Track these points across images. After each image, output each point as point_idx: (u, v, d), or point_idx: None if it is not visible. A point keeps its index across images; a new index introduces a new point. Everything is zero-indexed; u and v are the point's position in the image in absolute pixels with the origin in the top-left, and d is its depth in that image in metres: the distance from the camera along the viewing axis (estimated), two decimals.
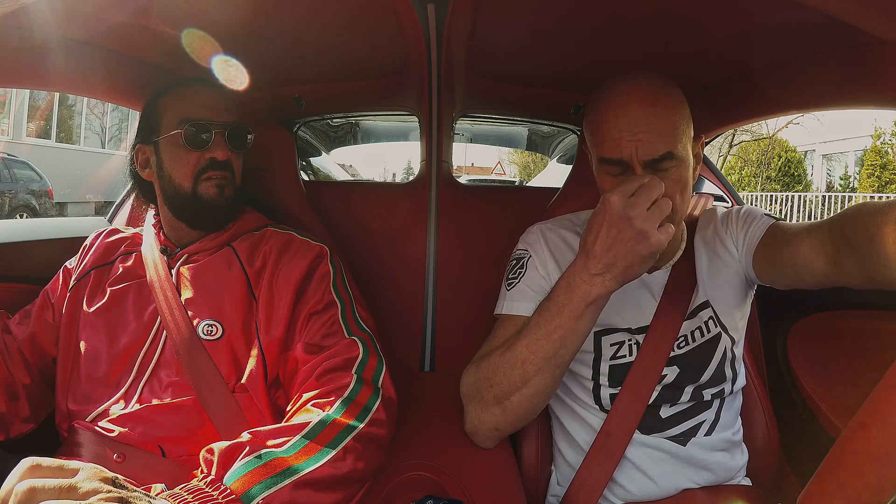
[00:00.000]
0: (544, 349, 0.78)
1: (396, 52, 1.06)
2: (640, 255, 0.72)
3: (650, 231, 0.70)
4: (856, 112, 11.04)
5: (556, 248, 0.96)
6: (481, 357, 0.88)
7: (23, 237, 1.15)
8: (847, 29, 0.69)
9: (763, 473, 1.00)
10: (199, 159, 0.91)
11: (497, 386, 0.82)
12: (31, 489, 0.45)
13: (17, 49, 0.85)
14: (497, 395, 0.83)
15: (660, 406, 0.89)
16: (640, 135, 0.78)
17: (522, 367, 0.80)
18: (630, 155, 0.79)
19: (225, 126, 0.93)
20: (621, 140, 0.79)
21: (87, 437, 0.82)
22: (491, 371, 0.83)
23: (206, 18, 0.87)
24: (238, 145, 0.95)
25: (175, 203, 0.93)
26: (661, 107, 0.80)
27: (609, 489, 0.89)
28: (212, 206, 0.92)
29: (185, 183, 0.91)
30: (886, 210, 0.67)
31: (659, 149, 0.79)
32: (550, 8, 0.85)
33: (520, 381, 0.80)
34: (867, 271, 0.70)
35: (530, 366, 0.79)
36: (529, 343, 0.79)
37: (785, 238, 0.84)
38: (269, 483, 0.62)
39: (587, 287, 0.76)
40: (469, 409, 0.88)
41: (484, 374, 0.84)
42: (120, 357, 0.87)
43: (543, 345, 0.78)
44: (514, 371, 0.80)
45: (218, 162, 0.92)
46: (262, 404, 0.84)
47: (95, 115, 12.50)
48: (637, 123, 0.78)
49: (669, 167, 0.80)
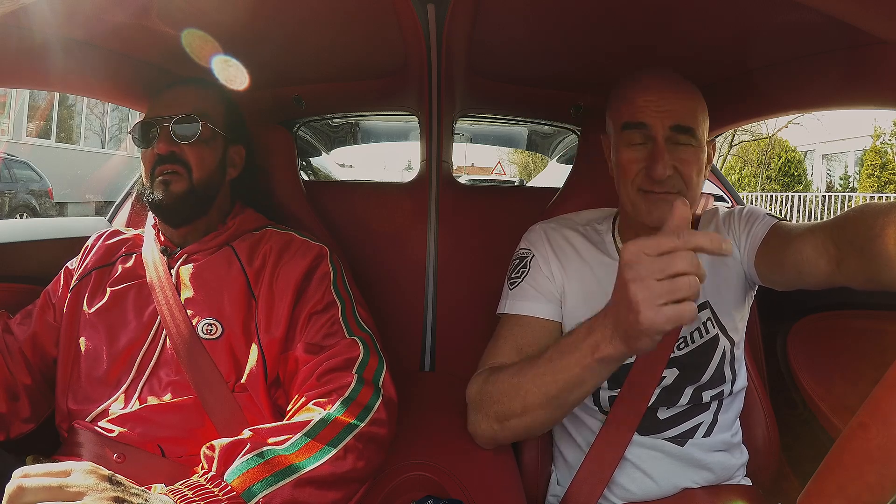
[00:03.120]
0: (548, 388, 0.75)
1: (396, 52, 1.06)
2: (634, 329, 0.60)
3: (643, 306, 0.57)
4: (855, 112, 11.04)
5: (558, 247, 0.96)
6: (491, 370, 0.86)
7: (23, 237, 1.15)
8: (847, 29, 0.69)
9: (763, 473, 1.00)
10: (151, 156, 0.91)
11: (498, 405, 0.82)
12: (20, 488, 0.46)
13: (17, 49, 0.84)
14: (497, 413, 0.82)
15: (657, 408, 0.89)
16: (668, 105, 0.83)
17: (525, 397, 0.78)
18: (655, 122, 0.82)
19: (167, 119, 0.91)
20: (648, 107, 0.83)
21: (87, 437, 0.82)
22: (496, 390, 0.82)
23: (207, 18, 0.87)
24: (185, 137, 0.92)
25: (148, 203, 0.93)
26: (688, 90, 0.86)
27: (609, 489, 0.89)
28: (159, 203, 0.90)
29: (147, 182, 0.93)
30: (889, 211, 0.67)
31: (685, 119, 0.82)
32: (550, 8, 0.85)
33: (520, 409, 0.79)
34: (870, 272, 0.70)
35: (532, 398, 0.77)
36: (536, 376, 0.77)
37: (787, 238, 0.84)
38: (271, 481, 0.62)
39: (599, 338, 0.68)
40: (471, 415, 0.88)
41: (489, 389, 0.83)
42: (120, 356, 0.87)
43: (549, 383, 0.75)
44: (517, 398, 0.79)
45: (163, 157, 0.90)
46: (261, 404, 0.84)
47: (95, 115, 12.51)
48: (666, 95, 0.83)
49: (689, 143, 0.83)
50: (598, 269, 0.94)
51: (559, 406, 0.77)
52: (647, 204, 0.86)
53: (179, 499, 0.56)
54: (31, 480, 0.46)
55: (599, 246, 0.97)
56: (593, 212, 1.06)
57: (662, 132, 0.82)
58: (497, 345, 0.91)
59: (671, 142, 0.83)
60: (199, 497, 0.57)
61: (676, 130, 0.83)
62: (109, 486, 0.50)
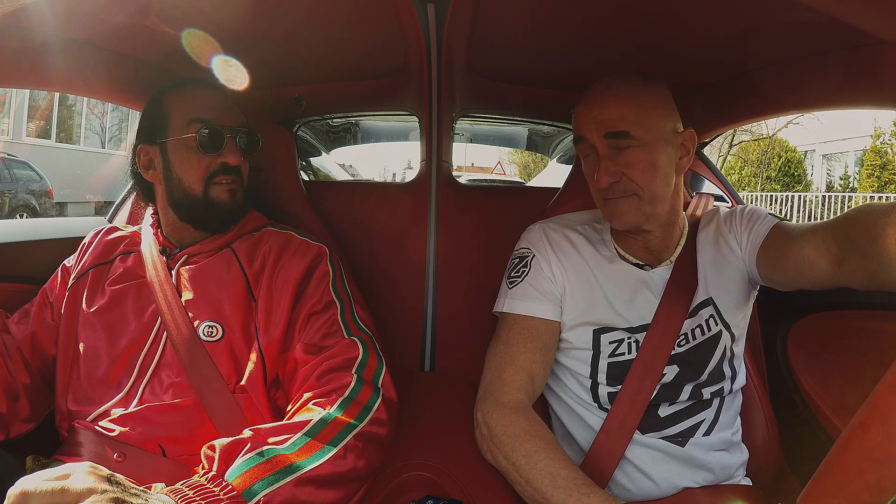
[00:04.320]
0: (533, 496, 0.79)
1: (396, 53, 1.06)
2: None
3: None
4: (855, 112, 11.04)
5: (558, 247, 0.96)
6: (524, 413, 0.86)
7: (23, 237, 1.15)
8: (847, 29, 0.69)
9: (763, 473, 1.00)
10: (211, 163, 0.91)
11: (499, 454, 0.84)
12: (23, 493, 0.46)
13: (17, 49, 0.84)
14: (496, 457, 0.85)
15: (658, 405, 0.89)
16: (599, 114, 0.87)
17: (517, 481, 0.81)
18: (590, 133, 0.87)
19: (236, 130, 0.93)
20: (585, 121, 0.89)
21: (88, 436, 0.82)
22: (503, 447, 0.83)
23: (207, 19, 0.87)
24: (249, 150, 0.96)
25: (182, 205, 0.93)
26: (622, 92, 0.88)
27: (608, 489, 0.89)
28: (223, 209, 0.92)
29: (195, 186, 0.91)
30: (890, 211, 0.67)
31: (616, 124, 0.85)
32: (550, 8, 0.85)
33: (524, 482, 0.81)
34: (871, 272, 0.70)
35: (521, 488, 0.81)
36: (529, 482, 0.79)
37: (789, 238, 0.85)
38: (271, 480, 0.62)
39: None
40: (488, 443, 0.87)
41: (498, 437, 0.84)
42: (120, 358, 0.87)
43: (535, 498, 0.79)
44: (511, 474, 0.82)
45: (230, 167, 0.92)
46: (261, 405, 0.84)
47: (95, 115, 12.50)
48: (598, 105, 0.88)
49: (630, 145, 0.86)
50: (596, 268, 0.94)
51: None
52: (609, 210, 0.90)
53: (180, 498, 0.56)
54: (34, 485, 0.46)
55: (598, 246, 0.97)
56: (592, 212, 1.06)
57: (599, 142, 0.87)
58: (506, 354, 0.91)
59: (614, 148, 0.87)
60: (199, 497, 0.57)
61: (610, 136, 0.86)
62: (109, 487, 0.50)
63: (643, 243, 0.95)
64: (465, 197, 1.47)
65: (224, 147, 0.91)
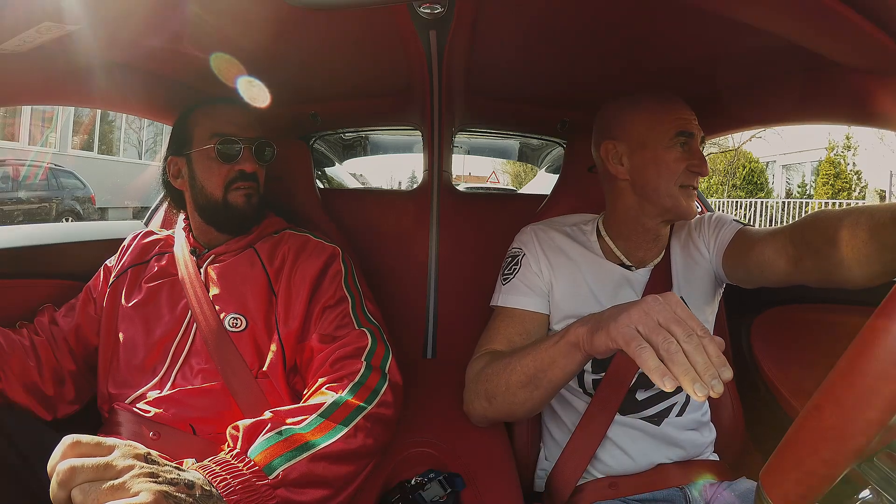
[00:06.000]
0: (527, 368, 0.75)
1: (402, 74, 1.06)
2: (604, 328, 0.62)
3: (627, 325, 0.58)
4: (812, 127, 11.04)
5: (547, 247, 0.96)
6: (485, 354, 0.86)
7: (68, 238, 1.15)
8: (806, 53, 0.69)
9: (729, 450, 1.00)
10: (229, 171, 0.91)
11: (488, 383, 0.81)
12: (72, 468, 0.45)
13: (63, 70, 0.85)
14: (486, 391, 0.82)
15: (636, 390, 0.89)
16: (687, 112, 0.88)
17: (509, 376, 0.77)
18: (696, 132, 0.87)
19: (252, 141, 0.93)
20: (691, 120, 0.87)
21: (126, 416, 0.82)
22: (489, 370, 0.82)
23: (233, 44, 0.87)
24: (263, 159, 0.96)
25: (206, 210, 0.93)
26: None
27: (591, 464, 0.89)
28: (240, 212, 0.92)
29: (216, 192, 0.91)
30: (842, 216, 0.68)
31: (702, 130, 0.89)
32: (540, 35, 0.86)
33: (504, 388, 0.78)
34: (824, 271, 0.71)
35: (514, 377, 0.76)
36: (519, 358, 0.76)
37: (751, 241, 0.85)
38: (289, 456, 0.62)
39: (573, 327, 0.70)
40: (466, 394, 0.88)
41: (483, 370, 0.83)
42: (155, 347, 0.87)
43: (528, 363, 0.75)
44: (503, 378, 0.78)
45: (246, 174, 0.92)
46: (281, 389, 0.84)
47: (133, 129, 12.50)
48: (681, 106, 0.88)
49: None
50: (584, 266, 0.94)
51: (536, 386, 0.74)
52: (686, 198, 0.87)
53: (208, 474, 0.56)
54: (81, 461, 0.46)
55: (585, 245, 0.97)
56: (579, 216, 1.06)
57: (699, 140, 0.89)
58: (490, 335, 0.91)
59: None
60: (225, 472, 0.57)
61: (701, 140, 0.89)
62: (146, 464, 0.50)
63: (642, 244, 0.94)
64: (463, 203, 1.47)
65: (240, 156, 0.91)
